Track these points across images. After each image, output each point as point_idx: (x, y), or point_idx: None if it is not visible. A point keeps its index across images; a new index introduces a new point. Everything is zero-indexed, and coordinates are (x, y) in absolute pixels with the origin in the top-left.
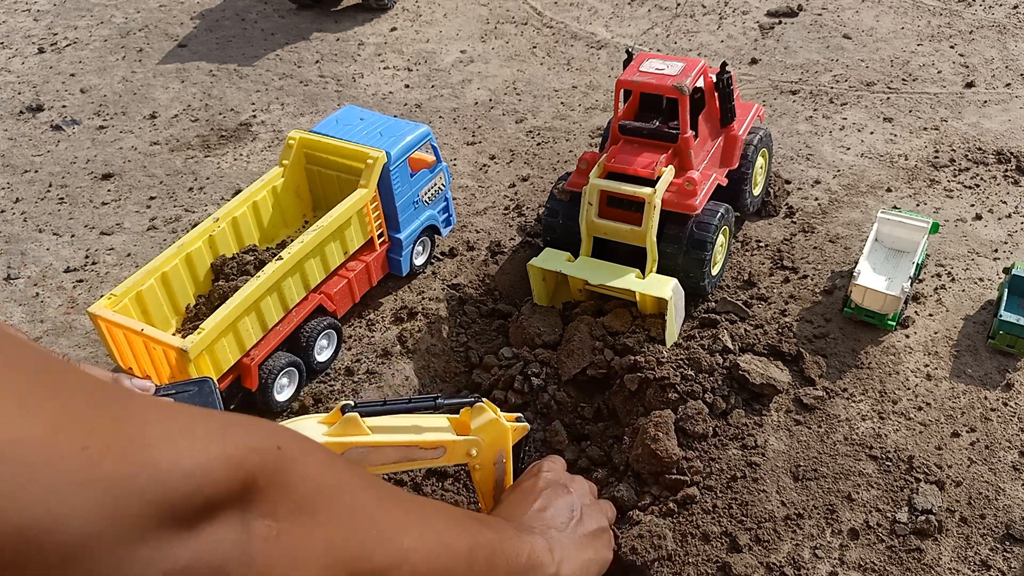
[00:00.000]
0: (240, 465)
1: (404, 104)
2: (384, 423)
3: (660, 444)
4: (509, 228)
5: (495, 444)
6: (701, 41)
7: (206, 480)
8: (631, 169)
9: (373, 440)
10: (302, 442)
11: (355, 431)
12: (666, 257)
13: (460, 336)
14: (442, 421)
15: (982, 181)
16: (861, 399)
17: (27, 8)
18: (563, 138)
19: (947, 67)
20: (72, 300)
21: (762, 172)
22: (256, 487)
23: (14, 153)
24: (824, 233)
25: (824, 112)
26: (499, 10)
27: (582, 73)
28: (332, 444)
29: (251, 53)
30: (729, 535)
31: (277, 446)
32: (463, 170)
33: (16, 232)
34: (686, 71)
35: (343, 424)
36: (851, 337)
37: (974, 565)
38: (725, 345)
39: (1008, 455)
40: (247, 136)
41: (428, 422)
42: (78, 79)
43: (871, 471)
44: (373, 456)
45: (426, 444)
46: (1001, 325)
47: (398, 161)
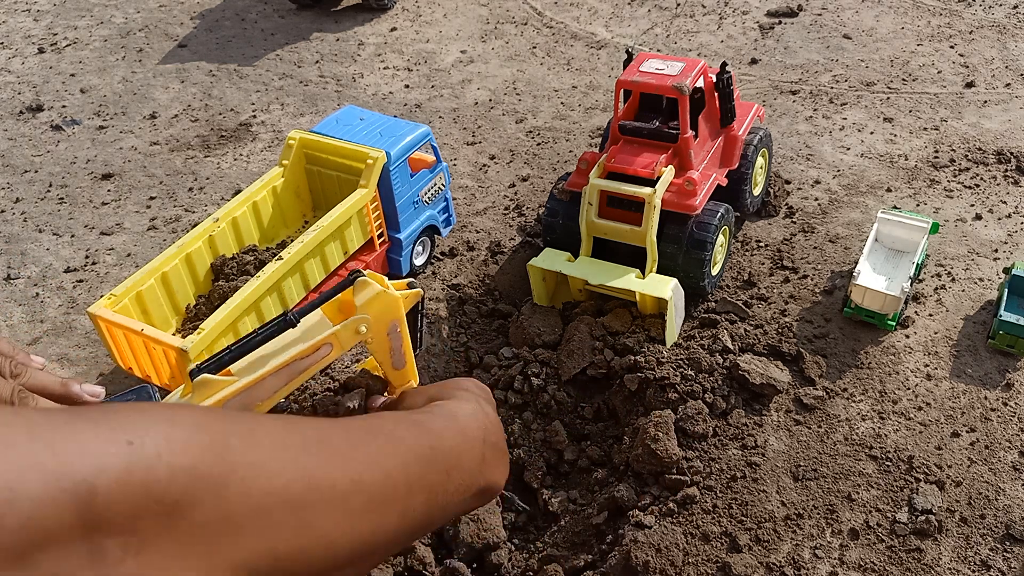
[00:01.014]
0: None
1: (404, 104)
2: (250, 361)
3: (660, 444)
4: (509, 228)
5: (385, 316)
6: (701, 41)
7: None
8: (631, 169)
9: (243, 383)
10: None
11: (216, 387)
12: (666, 257)
13: (460, 336)
14: (315, 318)
15: (982, 181)
16: (861, 399)
17: (27, 8)
18: (563, 138)
19: (947, 67)
20: (72, 300)
21: (762, 172)
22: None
23: (14, 153)
24: (824, 233)
25: (824, 112)
26: (499, 10)
27: (582, 73)
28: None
29: (251, 53)
30: (729, 535)
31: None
32: (463, 170)
33: (16, 232)
34: (686, 71)
35: (199, 389)
36: (851, 337)
37: (974, 565)
38: (725, 345)
39: (1008, 455)
40: (247, 136)
41: (299, 331)
42: (78, 79)
43: (871, 471)
44: (255, 394)
45: (306, 351)
46: (1001, 325)
47: (398, 161)
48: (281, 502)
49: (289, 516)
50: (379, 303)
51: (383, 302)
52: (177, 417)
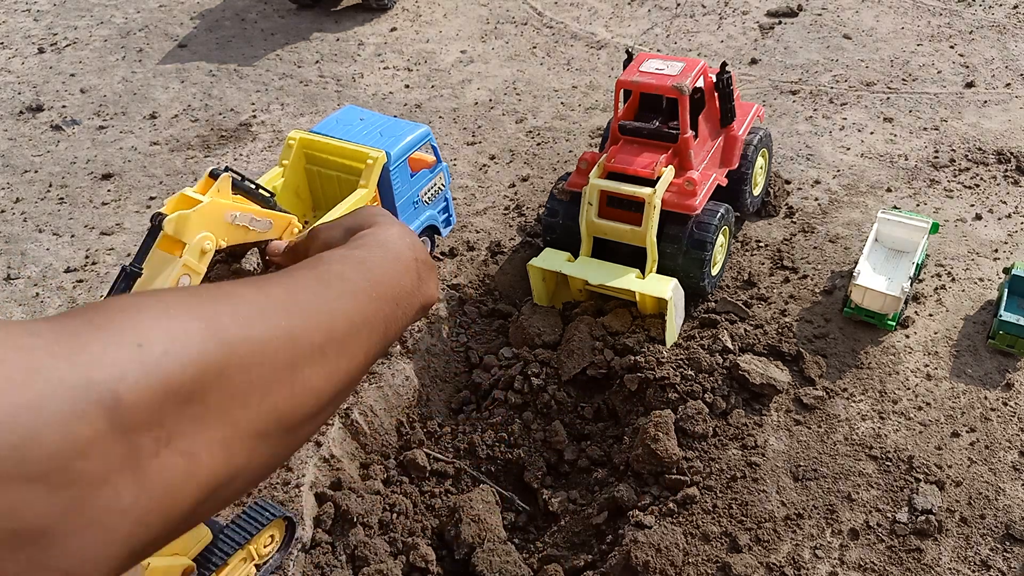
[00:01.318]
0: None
1: (404, 104)
2: None
3: (660, 444)
4: (509, 228)
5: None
6: (701, 41)
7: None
8: (631, 169)
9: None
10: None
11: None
12: (666, 257)
13: (460, 336)
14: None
15: (982, 181)
16: (861, 399)
17: (27, 8)
18: (563, 138)
19: (947, 67)
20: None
21: (762, 172)
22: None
23: (14, 153)
24: (824, 233)
25: (824, 112)
26: (499, 10)
27: (582, 73)
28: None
29: (251, 53)
30: (729, 535)
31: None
32: (463, 170)
33: (16, 232)
34: (686, 71)
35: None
36: (851, 337)
37: (974, 565)
38: (725, 345)
39: (1008, 455)
40: (247, 136)
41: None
42: (78, 79)
43: (871, 471)
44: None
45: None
46: (1001, 325)
47: (398, 161)
48: (274, 368)
49: (282, 378)
50: (196, 223)
51: (200, 217)
52: (172, 309)
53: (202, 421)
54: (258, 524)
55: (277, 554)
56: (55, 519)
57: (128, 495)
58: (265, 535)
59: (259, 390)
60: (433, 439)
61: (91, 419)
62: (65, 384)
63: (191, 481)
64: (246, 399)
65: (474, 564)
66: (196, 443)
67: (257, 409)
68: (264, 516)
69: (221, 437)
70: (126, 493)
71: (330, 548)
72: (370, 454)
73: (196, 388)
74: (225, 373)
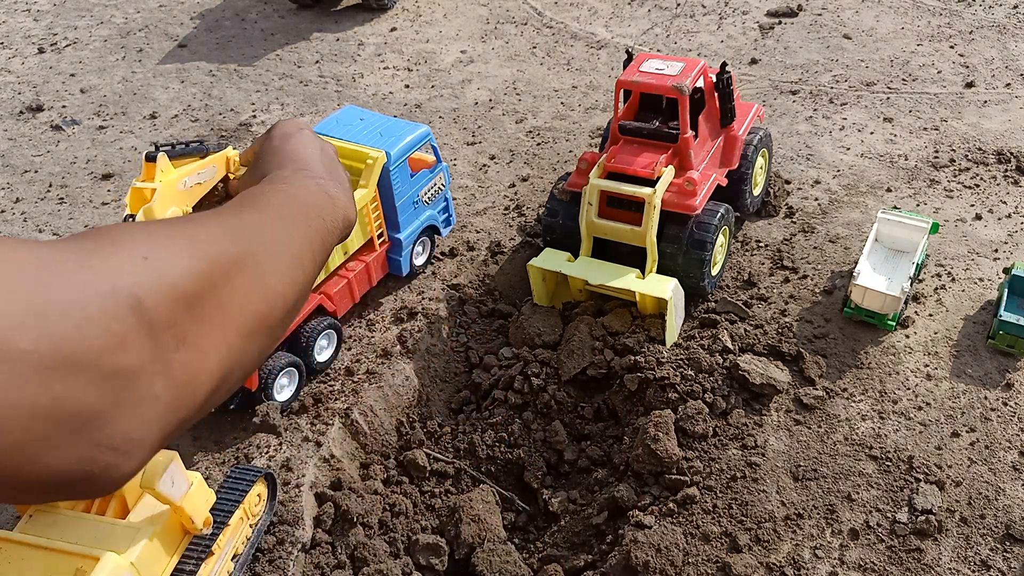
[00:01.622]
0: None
1: (404, 104)
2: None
3: (660, 444)
4: (509, 228)
5: None
6: (701, 41)
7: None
8: (631, 169)
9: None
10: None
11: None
12: (666, 257)
13: (460, 336)
14: None
15: (982, 181)
16: (861, 399)
17: (27, 8)
18: (563, 138)
19: (947, 67)
20: None
21: (762, 172)
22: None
23: (14, 153)
24: (824, 233)
25: (824, 112)
26: (499, 10)
27: (582, 73)
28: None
29: (251, 53)
30: (729, 535)
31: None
32: (463, 170)
33: (16, 232)
34: (686, 71)
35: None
36: (851, 337)
37: (974, 565)
38: (725, 345)
39: (1008, 455)
40: (247, 136)
41: None
42: (78, 79)
43: (871, 471)
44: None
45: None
46: (1001, 325)
47: (398, 161)
48: (247, 278)
49: (257, 285)
50: (160, 208)
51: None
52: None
53: (204, 322)
54: (247, 482)
55: (265, 514)
56: (106, 405)
57: (159, 384)
58: (253, 494)
59: (240, 294)
60: (433, 439)
61: (123, 318)
62: (98, 290)
63: (204, 372)
64: (232, 303)
65: (474, 564)
66: (203, 341)
67: (241, 311)
68: (250, 475)
69: (221, 335)
70: (158, 383)
71: (330, 548)
72: (370, 454)
73: (195, 294)
74: (213, 282)
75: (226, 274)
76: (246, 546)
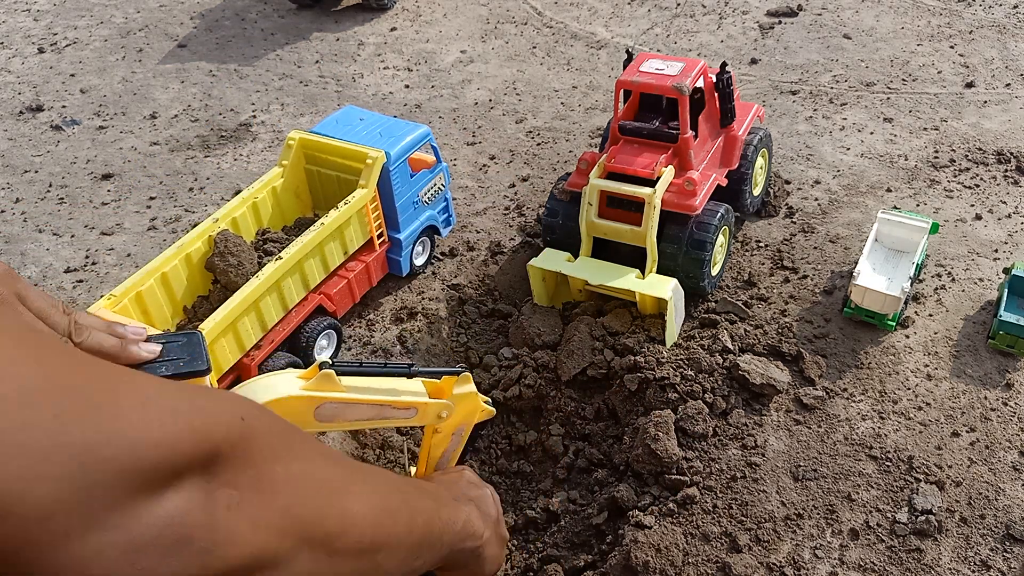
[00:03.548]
0: (206, 437)
1: (404, 104)
2: (359, 383)
3: (660, 444)
4: (509, 228)
5: (464, 416)
6: (701, 41)
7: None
8: (631, 169)
9: (347, 397)
10: (263, 413)
11: (330, 387)
12: (666, 257)
13: (460, 336)
14: (417, 385)
15: (982, 181)
16: (861, 399)
17: (27, 8)
18: (563, 138)
19: (947, 67)
20: (72, 300)
21: (762, 172)
22: (220, 457)
23: (14, 153)
24: (824, 233)
25: (824, 112)
26: (499, 10)
27: (582, 73)
28: (309, 397)
29: (251, 53)
30: (729, 535)
31: (241, 417)
32: (463, 170)
33: (16, 232)
34: (686, 71)
35: (320, 379)
36: (851, 337)
37: (974, 565)
38: (725, 345)
39: (1008, 455)
40: (247, 136)
41: (403, 385)
42: (78, 79)
43: (871, 471)
44: (347, 412)
45: (400, 404)
46: (1001, 325)
47: (398, 161)
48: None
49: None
50: (468, 402)
51: (472, 403)
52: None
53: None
54: None
55: None
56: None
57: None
58: None
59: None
60: None
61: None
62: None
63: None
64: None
65: None
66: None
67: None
68: None
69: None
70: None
71: None
72: (369, 451)
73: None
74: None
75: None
76: None
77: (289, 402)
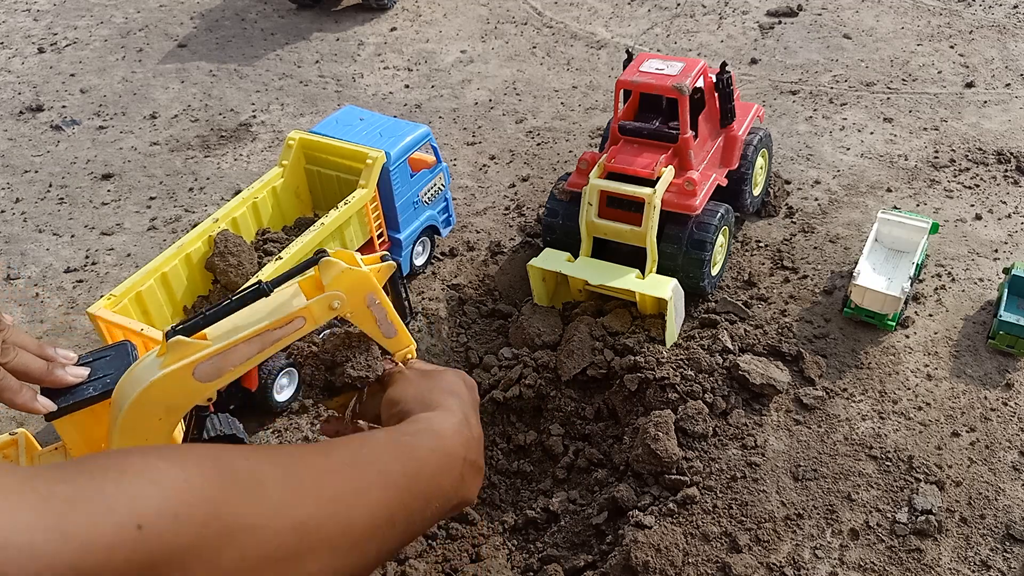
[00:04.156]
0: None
1: (404, 104)
2: (224, 327)
3: (660, 444)
4: (509, 228)
5: (358, 290)
6: (701, 41)
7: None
8: (631, 169)
9: (216, 348)
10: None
11: (189, 350)
12: (666, 257)
13: (460, 336)
14: (289, 292)
15: (982, 181)
16: (861, 399)
17: (27, 8)
18: (563, 138)
19: (947, 67)
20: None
21: (762, 172)
22: None
23: (14, 153)
24: (824, 233)
25: (824, 112)
26: (499, 10)
27: (582, 73)
28: (175, 370)
29: (251, 53)
30: (729, 535)
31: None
32: (463, 170)
33: (16, 232)
34: (686, 71)
35: (172, 350)
36: (851, 337)
37: (974, 565)
38: (725, 345)
39: (1008, 455)
40: (247, 136)
41: (274, 302)
42: (78, 79)
43: (871, 471)
44: (228, 360)
45: (280, 322)
46: (1001, 325)
47: (398, 161)
48: (274, 560)
49: (279, 567)
50: (347, 280)
51: (351, 279)
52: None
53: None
54: None
55: None
56: None
57: None
58: None
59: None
60: None
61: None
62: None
63: None
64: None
65: None
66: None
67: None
68: None
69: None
70: None
71: None
72: None
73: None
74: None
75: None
76: None
77: (160, 385)
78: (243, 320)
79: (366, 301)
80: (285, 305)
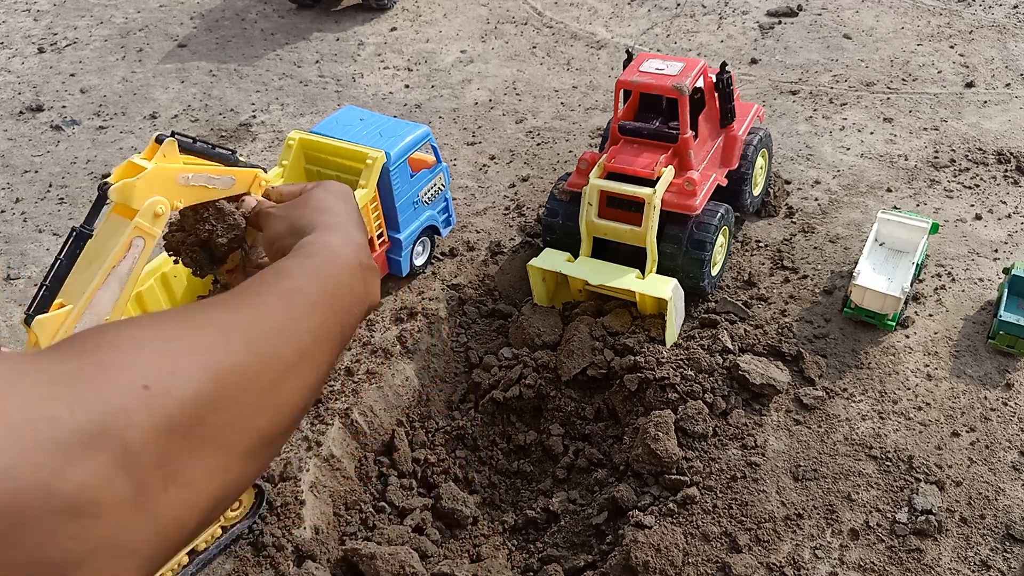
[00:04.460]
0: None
1: (404, 104)
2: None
3: (660, 444)
4: (509, 228)
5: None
6: (701, 41)
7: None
8: (631, 169)
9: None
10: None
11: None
12: (666, 257)
13: (460, 336)
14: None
15: (982, 181)
16: (861, 399)
17: (27, 8)
18: (563, 138)
19: (947, 67)
20: None
21: (762, 172)
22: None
23: (14, 153)
24: (824, 233)
25: (824, 112)
26: (499, 10)
27: (582, 73)
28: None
29: (251, 53)
30: (729, 535)
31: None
32: (463, 170)
33: (16, 232)
34: (686, 71)
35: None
36: (851, 337)
37: (974, 565)
38: (725, 345)
39: (1008, 455)
40: (247, 136)
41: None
42: (78, 79)
43: (871, 471)
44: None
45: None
46: (1001, 325)
47: (398, 161)
48: (259, 393)
49: (265, 399)
50: (144, 186)
51: (145, 183)
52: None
53: (201, 451)
54: None
55: (245, 520)
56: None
57: (141, 533)
58: None
59: (247, 414)
60: (432, 439)
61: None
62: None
63: (195, 508)
64: (237, 424)
65: None
66: (197, 472)
67: (247, 431)
68: None
69: (216, 463)
70: (139, 531)
71: None
72: (369, 453)
73: (195, 422)
74: (218, 404)
75: (234, 394)
76: (212, 544)
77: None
78: (86, 271)
79: (180, 182)
80: (115, 236)
